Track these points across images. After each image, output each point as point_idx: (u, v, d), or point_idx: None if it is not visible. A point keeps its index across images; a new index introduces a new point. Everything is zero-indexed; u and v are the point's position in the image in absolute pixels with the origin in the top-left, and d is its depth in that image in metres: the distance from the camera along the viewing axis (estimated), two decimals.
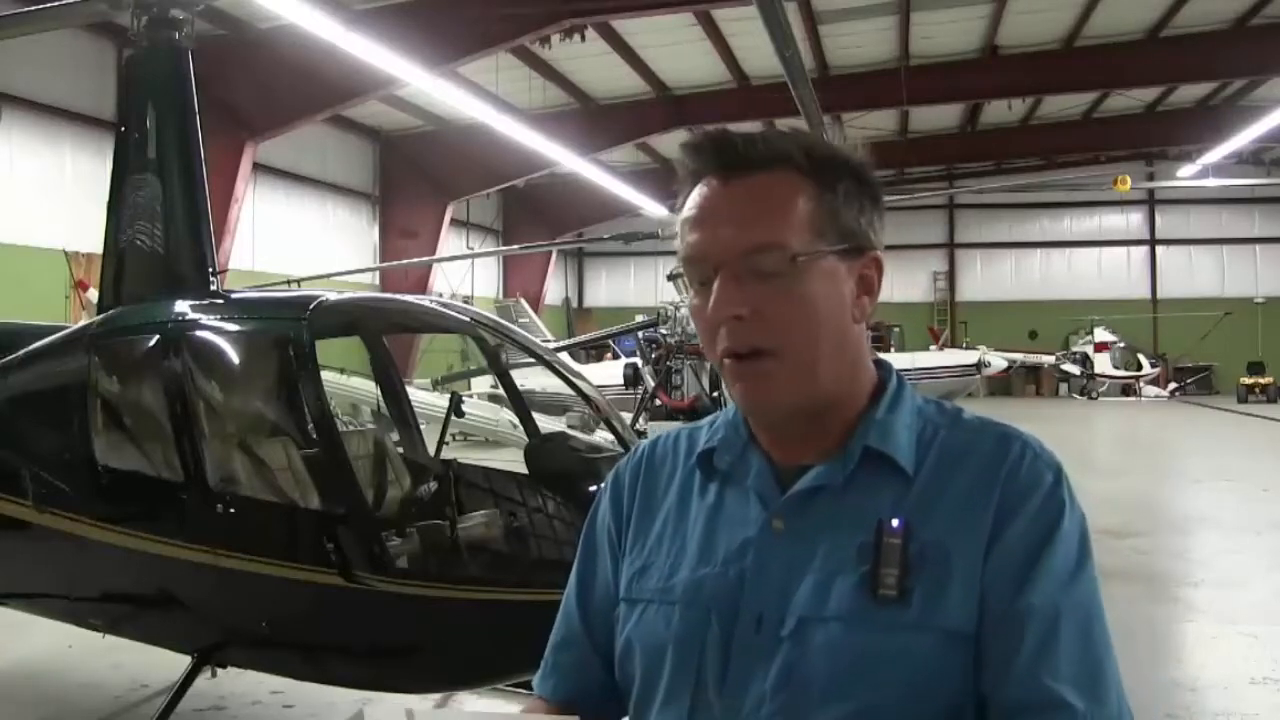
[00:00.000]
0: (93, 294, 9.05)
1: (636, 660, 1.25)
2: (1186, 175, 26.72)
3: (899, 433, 1.20)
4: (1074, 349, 32.28)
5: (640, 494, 1.34)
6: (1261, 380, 29.82)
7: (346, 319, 5.35)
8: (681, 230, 1.22)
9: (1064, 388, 33.11)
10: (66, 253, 14.99)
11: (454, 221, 25.30)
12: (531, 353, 5.34)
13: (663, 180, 25.59)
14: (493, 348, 5.68)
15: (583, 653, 1.35)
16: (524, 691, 1.06)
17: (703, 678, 1.18)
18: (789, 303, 1.16)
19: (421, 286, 22.01)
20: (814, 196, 1.18)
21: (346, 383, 10.20)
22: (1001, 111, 24.67)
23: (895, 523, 1.13)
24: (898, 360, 21.47)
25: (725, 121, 20.79)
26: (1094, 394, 31.43)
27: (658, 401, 15.50)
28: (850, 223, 1.20)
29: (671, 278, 1.29)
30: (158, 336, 4.55)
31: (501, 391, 9.32)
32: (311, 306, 4.42)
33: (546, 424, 6.54)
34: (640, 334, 16.76)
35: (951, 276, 35.82)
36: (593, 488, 4.54)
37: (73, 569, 4.66)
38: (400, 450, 5.51)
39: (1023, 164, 31.34)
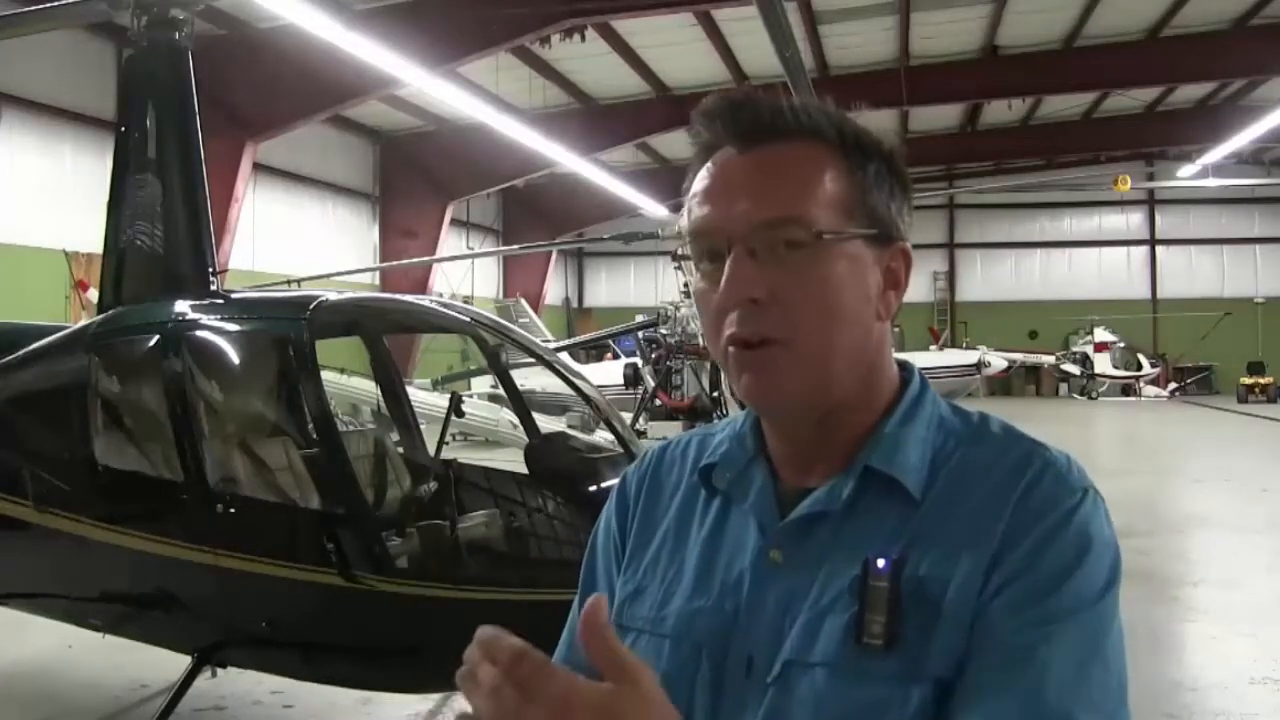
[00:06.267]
0: (93, 294, 9.04)
1: None
2: (1186, 175, 26.72)
3: (908, 450, 1.07)
4: (1074, 349, 32.26)
5: (643, 504, 1.23)
6: (1261, 380, 29.81)
7: (346, 319, 5.35)
8: (689, 205, 1.09)
9: (1064, 388, 33.09)
10: (66, 253, 14.99)
11: (454, 221, 25.29)
12: (531, 353, 5.34)
13: (663, 180, 25.60)
14: (493, 348, 5.68)
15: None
16: None
17: None
18: (810, 286, 1.04)
19: (421, 286, 21.99)
20: (843, 173, 1.07)
21: (346, 383, 10.20)
22: (1001, 111, 24.65)
23: (881, 563, 1.00)
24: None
25: None
26: (1094, 394, 31.41)
27: (658, 401, 15.50)
28: (880, 207, 1.09)
29: (676, 259, 1.21)
30: (158, 336, 4.55)
31: (501, 391, 9.31)
32: (311, 306, 4.42)
33: (546, 424, 6.53)
34: (640, 334, 16.76)
35: (951, 276, 35.80)
36: (593, 488, 4.54)
37: (73, 569, 4.65)
38: (400, 450, 5.51)
39: (1023, 164, 31.34)
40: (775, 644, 1.05)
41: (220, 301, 4.81)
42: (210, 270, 4.99)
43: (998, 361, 25.25)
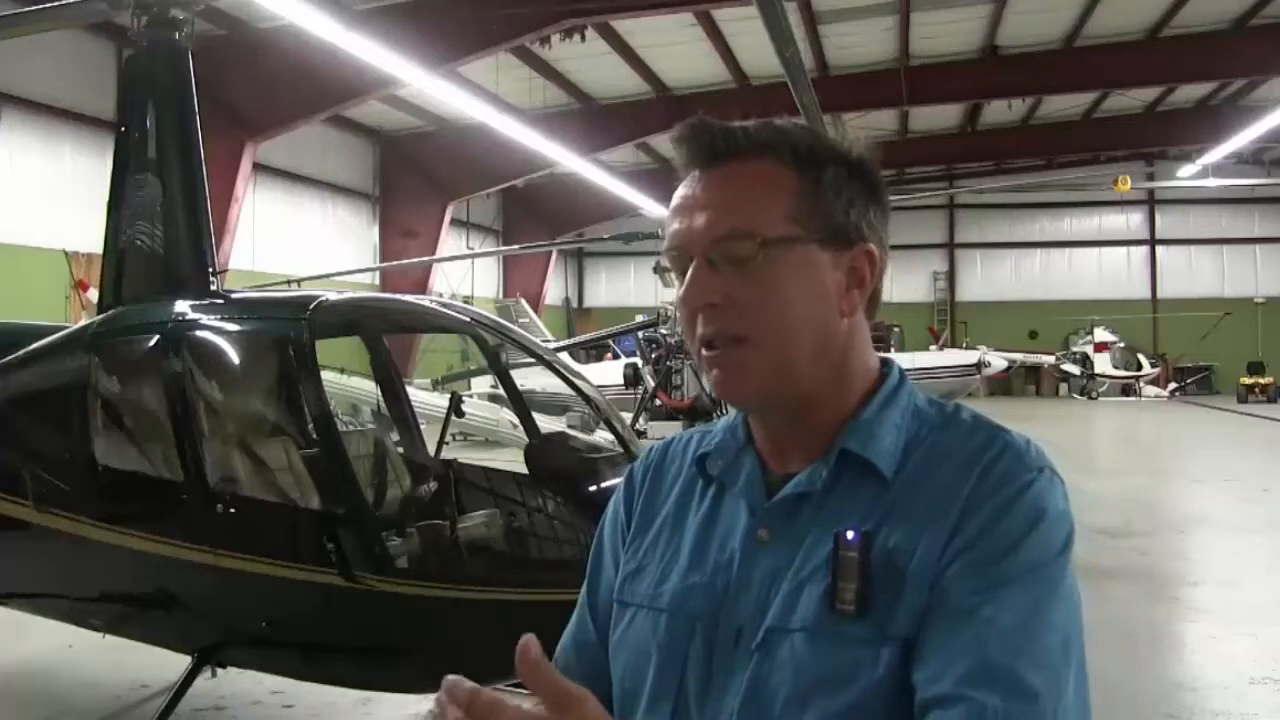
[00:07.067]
0: (93, 294, 9.05)
1: (621, 665, 1.23)
2: (1186, 175, 26.74)
3: (883, 435, 1.16)
4: (1074, 349, 32.29)
5: (646, 492, 1.32)
6: (1261, 380, 29.83)
7: (346, 319, 5.35)
8: (667, 223, 1.21)
9: (1064, 388, 33.12)
10: (66, 253, 15.00)
11: (454, 221, 25.30)
12: (531, 353, 5.34)
13: (663, 180, 25.61)
14: (493, 348, 5.68)
15: (594, 656, 1.30)
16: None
17: (684, 690, 1.16)
18: (762, 290, 1.13)
19: (421, 286, 22.00)
20: (794, 184, 1.15)
21: (346, 383, 10.19)
22: (1001, 111, 24.66)
23: (850, 535, 1.08)
24: (897, 361, 21.43)
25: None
26: (1094, 394, 31.43)
27: (658, 401, 15.51)
28: (835, 213, 1.16)
29: (657, 270, 1.30)
30: (158, 336, 4.55)
31: (501, 391, 9.32)
32: (311, 306, 4.42)
33: (546, 424, 6.53)
34: (640, 334, 16.77)
35: (951, 276, 35.82)
36: (592, 488, 4.54)
37: (73, 569, 4.66)
38: (400, 450, 5.51)
39: (1023, 164, 31.35)
40: (761, 615, 1.13)
41: (220, 301, 4.81)
42: (210, 270, 4.99)
43: (998, 361, 25.25)
